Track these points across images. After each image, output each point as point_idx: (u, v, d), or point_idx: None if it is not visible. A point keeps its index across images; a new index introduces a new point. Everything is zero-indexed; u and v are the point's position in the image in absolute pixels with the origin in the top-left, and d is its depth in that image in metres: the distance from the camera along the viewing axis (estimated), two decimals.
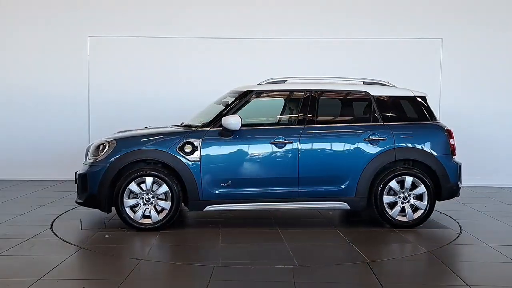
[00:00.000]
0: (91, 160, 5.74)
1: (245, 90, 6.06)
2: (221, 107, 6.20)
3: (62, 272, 4.35)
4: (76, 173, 5.94)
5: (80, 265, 4.74)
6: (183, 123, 6.43)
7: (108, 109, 9.24)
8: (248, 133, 5.85)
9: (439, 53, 9.23)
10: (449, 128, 6.22)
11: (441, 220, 6.46)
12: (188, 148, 5.68)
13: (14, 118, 9.29)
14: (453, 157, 6.15)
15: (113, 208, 5.72)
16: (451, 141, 6.13)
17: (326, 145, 5.92)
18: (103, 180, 5.61)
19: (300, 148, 5.83)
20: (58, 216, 6.33)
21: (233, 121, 5.68)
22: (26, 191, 8.07)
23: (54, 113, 9.27)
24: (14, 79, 9.29)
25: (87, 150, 5.97)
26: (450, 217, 6.60)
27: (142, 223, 5.64)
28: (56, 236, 5.48)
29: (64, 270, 4.42)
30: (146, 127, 6.42)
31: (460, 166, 6.15)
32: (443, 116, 9.24)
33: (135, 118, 8.83)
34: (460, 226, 6.12)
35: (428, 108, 6.27)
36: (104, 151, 5.69)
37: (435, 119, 6.28)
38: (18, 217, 6.28)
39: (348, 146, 5.93)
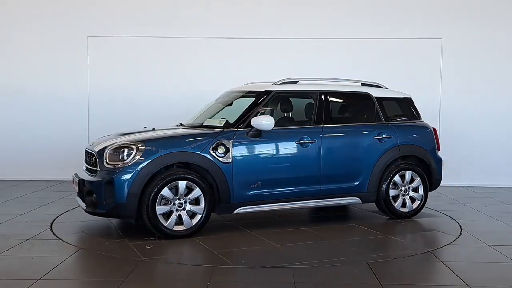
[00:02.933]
0: (111, 166, 5.27)
1: (264, 90, 6.03)
2: (224, 107, 6.26)
3: (62, 272, 4.35)
4: (84, 181, 5.47)
5: (80, 265, 4.73)
6: (181, 123, 6.41)
7: (108, 109, 9.25)
8: (275, 133, 5.78)
9: (439, 53, 9.23)
10: (434, 127, 6.93)
11: (441, 220, 6.47)
12: (221, 149, 5.49)
13: (14, 118, 9.29)
14: (438, 152, 6.84)
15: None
16: (437, 138, 6.84)
17: (344, 144, 6.19)
18: (134, 187, 5.17)
19: (322, 147, 5.98)
20: (58, 216, 6.33)
21: (265, 122, 5.59)
22: (26, 191, 8.07)
23: (54, 113, 9.27)
24: (13, 79, 9.29)
25: (100, 155, 5.39)
26: (450, 217, 6.60)
27: (175, 230, 5.33)
28: (56, 236, 5.47)
29: (64, 270, 4.42)
30: (145, 128, 6.27)
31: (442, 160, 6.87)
32: (443, 116, 9.28)
33: (135, 118, 8.84)
34: (460, 226, 6.13)
35: (415, 108, 6.86)
36: (131, 155, 5.25)
37: (421, 118, 6.86)
38: (18, 217, 6.27)
39: (362, 144, 6.28)
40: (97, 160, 5.42)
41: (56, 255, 4.81)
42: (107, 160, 5.33)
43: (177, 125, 6.41)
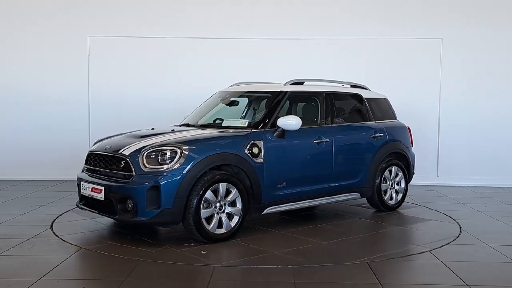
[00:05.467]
0: (151, 170, 4.99)
1: (279, 90, 6.07)
2: (231, 107, 6.43)
3: (62, 272, 4.35)
4: (111, 186, 5.10)
5: (80, 265, 4.74)
6: (188, 123, 6.38)
7: (108, 109, 9.25)
8: (295, 133, 5.81)
9: (439, 53, 9.23)
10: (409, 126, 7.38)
11: (441, 220, 6.47)
12: (255, 150, 5.47)
13: (14, 118, 9.29)
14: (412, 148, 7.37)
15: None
16: (411, 135, 7.32)
17: (350, 142, 6.44)
18: (180, 191, 4.97)
19: (333, 145, 6.17)
20: (58, 216, 6.33)
21: (292, 122, 5.63)
22: (26, 191, 8.07)
23: (54, 113, 9.27)
24: (14, 79, 9.30)
25: (134, 158, 5.06)
26: (450, 217, 6.60)
27: (217, 234, 5.20)
28: (57, 236, 5.47)
29: (64, 270, 4.42)
30: (153, 129, 6.08)
31: None
32: (442, 116, 9.27)
33: (135, 118, 8.84)
34: (460, 226, 6.13)
35: (392, 108, 7.27)
36: (176, 158, 5.02)
37: (396, 117, 7.28)
38: (18, 217, 6.27)
39: (363, 142, 6.60)
40: (131, 163, 5.06)
41: (56, 254, 4.81)
42: (146, 164, 5.03)
43: (180, 125, 6.35)
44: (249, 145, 5.45)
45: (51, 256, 4.79)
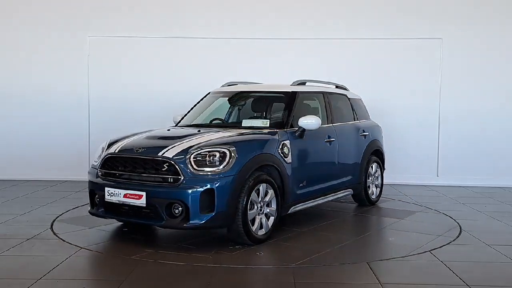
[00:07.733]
0: (202, 173, 4.82)
1: (291, 91, 6.11)
2: (238, 107, 6.58)
3: (62, 272, 4.35)
4: (153, 192, 4.83)
5: (80, 265, 4.72)
6: (199, 123, 6.32)
7: (108, 109, 9.25)
8: (311, 133, 5.88)
9: (439, 53, 9.23)
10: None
11: (441, 220, 6.47)
12: (286, 150, 5.51)
13: (14, 118, 9.29)
14: None
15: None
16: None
17: (348, 141, 6.67)
18: (232, 193, 4.86)
19: (337, 144, 6.39)
20: (58, 216, 6.33)
21: (313, 121, 5.69)
22: (26, 191, 8.07)
23: (54, 113, 9.27)
24: (14, 79, 9.29)
25: (181, 160, 4.85)
26: (450, 217, 6.60)
27: (260, 235, 5.16)
28: (56, 236, 5.47)
29: (64, 270, 4.42)
30: (169, 129, 5.94)
31: None
32: (442, 115, 9.27)
33: (135, 118, 8.86)
34: (460, 226, 6.13)
35: (365, 108, 7.57)
36: (226, 160, 4.89)
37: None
38: (18, 217, 6.28)
39: (355, 141, 6.87)
40: (177, 166, 4.82)
41: (56, 255, 4.81)
42: (194, 166, 4.84)
43: (190, 125, 6.23)
44: (280, 146, 5.49)
45: (51, 256, 4.79)
